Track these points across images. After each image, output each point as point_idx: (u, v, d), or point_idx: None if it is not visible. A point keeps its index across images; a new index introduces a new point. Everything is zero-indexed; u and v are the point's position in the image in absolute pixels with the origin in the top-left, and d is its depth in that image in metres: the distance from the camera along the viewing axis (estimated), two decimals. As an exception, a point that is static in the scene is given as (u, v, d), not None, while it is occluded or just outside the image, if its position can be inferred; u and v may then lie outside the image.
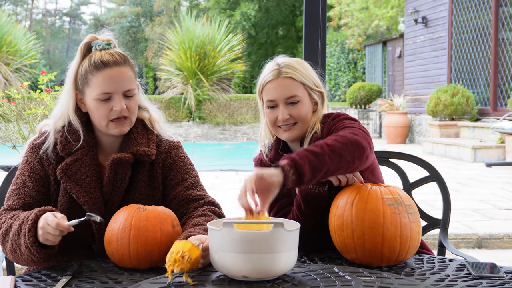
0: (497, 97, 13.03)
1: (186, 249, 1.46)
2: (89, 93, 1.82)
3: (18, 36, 17.38)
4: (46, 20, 55.47)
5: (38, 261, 1.70)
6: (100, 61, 1.81)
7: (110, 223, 1.68)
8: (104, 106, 1.81)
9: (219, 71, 17.64)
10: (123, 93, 1.82)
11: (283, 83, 1.91)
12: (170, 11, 38.95)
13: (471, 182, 8.20)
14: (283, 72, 1.91)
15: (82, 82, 1.84)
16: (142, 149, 1.85)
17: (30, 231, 1.65)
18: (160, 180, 1.90)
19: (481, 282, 1.50)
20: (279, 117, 1.91)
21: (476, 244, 5.03)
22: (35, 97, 4.77)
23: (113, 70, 1.80)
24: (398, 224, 1.63)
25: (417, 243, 1.69)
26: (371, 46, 21.82)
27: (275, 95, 1.91)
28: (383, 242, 1.62)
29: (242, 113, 17.94)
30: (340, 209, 1.69)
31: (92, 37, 1.89)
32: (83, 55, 1.87)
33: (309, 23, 3.08)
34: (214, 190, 7.58)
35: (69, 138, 1.84)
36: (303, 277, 1.52)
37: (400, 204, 1.66)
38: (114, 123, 1.82)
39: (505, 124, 9.60)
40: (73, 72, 1.86)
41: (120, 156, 1.83)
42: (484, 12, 13.34)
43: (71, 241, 1.76)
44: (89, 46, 1.88)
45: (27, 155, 1.87)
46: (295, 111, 1.91)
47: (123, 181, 1.84)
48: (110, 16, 51.04)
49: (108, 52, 1.84)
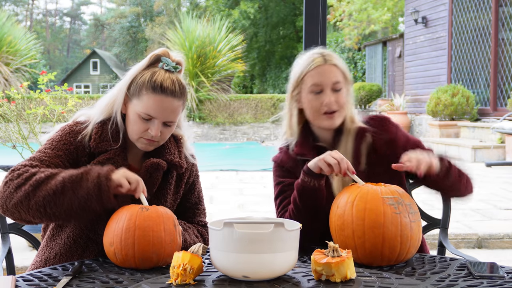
0: (497, 97, 13.03)
1: (186, 261, 1.46)
2: (135, 105, 1.82)
3: (18, 36, 17.40)
4: (46, 20, 55.42)
5: (90, 209, 1.65)
6: (160, 85, 1.79)
7: (110, 224, 1.67)
8: (142, 124, 1.81)
9: (219, 71, 17.64)
10: (164, 121, 1.82)
11: (330, 69, 1.96)
12: (170, 11, 38.94)
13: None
14: (328, 59, 1.97)
15: (134, 91, 1.82)
16: (176, 159, 1.91)
17: (109, 172, 1.65)
18: (181, 192, 1.98)
19: (481, 282, 1.50)
20: (325, 101, 1.94)
21: (476, 244, 5.03)
22: (35, 97, 4.77)
23: (166, 100, 1.80)
24: (399, 224, 1.63)
25: (417, 243, 1.69)
26: (371, 46, 21.83)
27: (323, 79, 1.95)
28: (384, 242, 1.62)
29: (242, 113, 17.94)
30: (340, 208, 1.69)
31: (164, 51, 1.88)
32: (149, 64, 1.86)
33: (309, 23, 3.09)
34: (214, 190, 7.59)
35: (108, 136, 1.84)
36: (303, 277, 1.52)
37: (401, 204, 1.65)
38: (144, 140, 1.84)
39: (505, 124, 9.61)
40: (132, 76, 1.84)
41: (158, 162, 1.87)
42: (484, 12, 13.34)
43: (87, 235, 1.80)
44: (158, 58, 1.86)
45: (62, 137, 1.82)
46: (338, 97, 1.96)
47: (154, 186, 1.88)
48: (110, 16, 51.03)
49: (171, 78, 1.82)
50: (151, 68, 1.85)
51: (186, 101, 1.90)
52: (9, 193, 1.66)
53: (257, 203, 6.69)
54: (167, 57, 1.87)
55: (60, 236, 1.85)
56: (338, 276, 1.45)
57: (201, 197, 2.05)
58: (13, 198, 1.65)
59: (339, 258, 1.46)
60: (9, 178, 1.69)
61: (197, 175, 2.04)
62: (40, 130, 4.72)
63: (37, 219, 1.68)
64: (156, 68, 1.84)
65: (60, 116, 4.75)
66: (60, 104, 4.82)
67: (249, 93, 29.36)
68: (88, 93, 32.35)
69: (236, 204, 6.58)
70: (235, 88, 20.88)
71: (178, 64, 1.89)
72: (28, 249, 4.57)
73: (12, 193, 1.66)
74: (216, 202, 6.69)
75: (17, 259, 3.19)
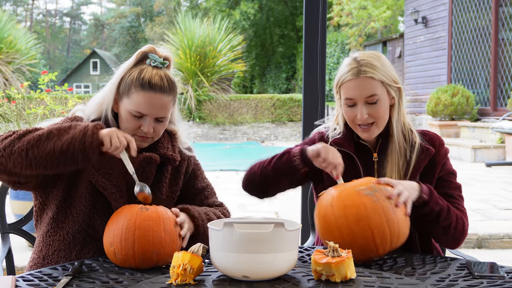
0: (497, 97, 13.03)
1: (186, 261, 1.46)
2: (125, 103, 1.83)
3: (18, 36, 17.39)
4: (47, 20, 55.44)
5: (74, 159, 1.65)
6: (148, 81, 1.80)
7: (110, 224, 1.67)
8: (134, 121, 1.83)
9: (219, 71, 17.64)
10: (155, 117, 1.83)
11: (363, 83, 1.88)
12: (170, 11, 38.95)
13: (471, 182, 8.20)
14: (362, 71, 1.88)
15: (124, 90, 1.84)
16: (169, 153, 1.92)
17: (98, 125, 1.67)
18: (180, 184, 1.98)
19: (481, 282, 1.49)
20: (358, 116, 1.91)
21: (476, 244, 5.04)
22: (35, 97, 4.78)
23: (156, 96, 1.81)
24: (381, 211, 1.64)
25: (406, 224, 1.69)
26: (371, 46, 21.83)
27: (354, 94, 1.90)
28: (373, 232, 1.62)
29: (242, 113, 17.95)
30: (322, 213, 1.70)
31: (151, 48, 1.89)
32: (136, 61, 1.87)
33: (309, 23, 3.08)
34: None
35: None
36: (303, 277, 1.52)
37: (377, 191, 1.67)
38: (137, 136, 1.85)
39: (505, 124, 9.61)
40: (120, 74, 1.85)
41: (150, 155, 1.88)
42: (484, 12, 13.34)
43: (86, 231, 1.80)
44: (145, 55, 1.87)
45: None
46: (374, 111, 1.90)
47: (148, 179, 1.88)
48: (110, 16, 51.02)
49: (159, 74, 1.83)
50: (139, 65, 1.86)
51: (176, 96, 1.90)
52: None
53: (257, 203, 6.69)
54: (154, 53, 1.87)
55: (58, 232, 1.85)
56: (338, 276, 1.46)
57: (207, 182, 2.06)
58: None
59: (339, 258, 1.46)
60: (4, 136, 1.72)
61: (197, 163, 2.04)
62: (40, 130, 4.72)
63: (18, 168, 1.66)
64: (144, 65, 1.85)
65: (60, 116, 4.75)
66: (60, 104, 4.83)
67: (249, 93, 29.34)
68: (88, 93, 32.35)
69: (236, 204, 6.57)
70: (235, 88, 20.89)
71: (166, 59, 1.89)
72: (28, 249, 4.57)
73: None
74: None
75: (17, 259, 3.19)
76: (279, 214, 5.92)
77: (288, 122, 18.24)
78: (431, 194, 1.83)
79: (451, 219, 1.86)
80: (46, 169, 1.68)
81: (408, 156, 1.94)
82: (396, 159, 1.93)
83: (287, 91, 28.55)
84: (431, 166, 1.96)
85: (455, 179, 2.00)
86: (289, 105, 18.43)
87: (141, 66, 1.85)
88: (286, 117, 18.32)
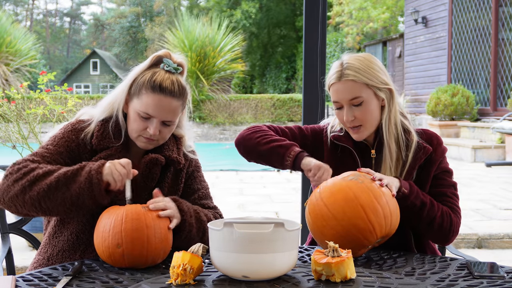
0: (497, 97, 13.04)
1: (186, 261, 1.46)
2: (135, 104, 1.85)
3: (18, 36, 17.40)
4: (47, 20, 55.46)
5: (84, 205, 1.68)
6: (159, 84, 1.83)
7: (110, 225, 1.66)
8: (141, 122, 1.85)
9: (219, 71, 17.64)
10: (162, 121, 1.85)
11: (344, 86, 1.91)
12: (170, 11, 38.96)
13: (471, 182, 8.20)
14: (344, 75, 1.91)
15: (135, 90, 1.86)
16: (174, 155, 1.94)
17: (100, 167, 1.69)
18: (182, 185, 2.00)
19: (481, 282, 1.50)
20: (344, 118, 1.94)
21: (476, 244, 5.04)
22: (34, 97, 4.77)
23: (165, 99, 1.83)
24: (368, 189, 1.68)
25: (394, 203, 1.73)
26: (371, 46, 21.83)
27: (339, 97, 1.93)
28: (365, 209, 1.65)
29: (242, 113, 17.95)
30: (312, 208, 1.72)
31: (166, 53, 1.91)
32: (150, 64, 1.90)
33: (309, 23, 3.08)
34: (214, 190, 7.58)
35: (110, 134, 1.88)
36: (303, 277, 1.52)
37: (360, 176, 1.73)
38: (143, 138, 1.87)
39: (505, 124, 9.61)
40: (134, 76, 1.88)
41: (156, 157, 1.90)
42: (484, 12, 13.34)
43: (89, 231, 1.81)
44: (160, 59, 1.90)
45: (65, 134, 1.86)
46: (359, 113, 1.92)
47: (153, 180, 1.91)
48: (110, 16, 51.03)
49: (171, 79, 1.85)
50: (153, 68, 1.89)
51: (186, 102, 1.93)
52: (7, 187, 1.71)
53: (257, 203, 6.69)
54: (169, 59, 1.90)
55: (63, 233, 1.86)
56: (338, 276, 1.46)
57: (204, 185, 2.07)
58: (10, 191, 1.70)
59: (339, 258, 1.46)
60: (9, 171, 1.74)
61: (198, 166, 2.07)
62: (40, 130, 4.72)
63: (33, 213, 1.72)
64: (157, 69, 1.88)
65: (60, 116, 4.75)
66: (60, 104, 4.82)
67: (249, 93, 29.33)
68: (88, 93, 32.33)
69: (236, 204, 6.58)
70: (235, 88, 20.89)
71: (180, 65, 1.92)
72: (28, 249, 4.58)
73: (9, 187, 1.70)
74: (216, 202, 6.66)
75: (17, 259, 3.19)
76: (279, 214, 5.92)
77: (288, 122, 18.25)
78: (411, 188, 1.87)
79: (434, 214, 1.88)
80: (59, 215, 1.75)
81: (403, 154, 1.96)
82: (389, 158, 1.95)
83: (287, 91, 28.54)
84: (428, 164, 1.98)
85: (450, 177, 2.01)
86: (289, 105, 18.44)
87: (155, 69, 1.88)
88: (286, 117, 18.33)
